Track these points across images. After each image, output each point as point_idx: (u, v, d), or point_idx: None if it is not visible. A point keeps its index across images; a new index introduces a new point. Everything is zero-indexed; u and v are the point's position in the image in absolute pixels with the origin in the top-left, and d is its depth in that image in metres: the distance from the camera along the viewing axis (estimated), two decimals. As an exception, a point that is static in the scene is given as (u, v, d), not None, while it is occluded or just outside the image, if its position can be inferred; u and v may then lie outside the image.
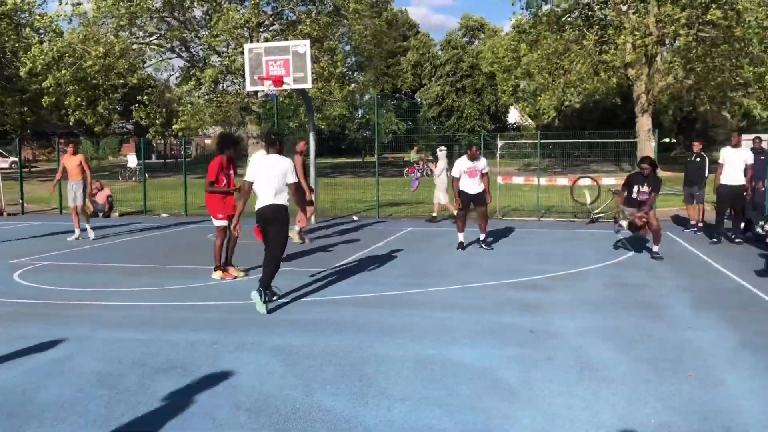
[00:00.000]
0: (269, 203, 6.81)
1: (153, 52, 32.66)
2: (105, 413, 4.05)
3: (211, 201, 8.38)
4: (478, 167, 10.57)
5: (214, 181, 8.26)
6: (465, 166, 10.56)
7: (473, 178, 10.54)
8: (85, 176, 12.27)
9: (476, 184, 10.57)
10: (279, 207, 6.81)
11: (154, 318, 6.39)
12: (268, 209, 6.83)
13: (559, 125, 44.68)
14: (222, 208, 8.33)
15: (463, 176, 10.54)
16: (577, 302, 6.91)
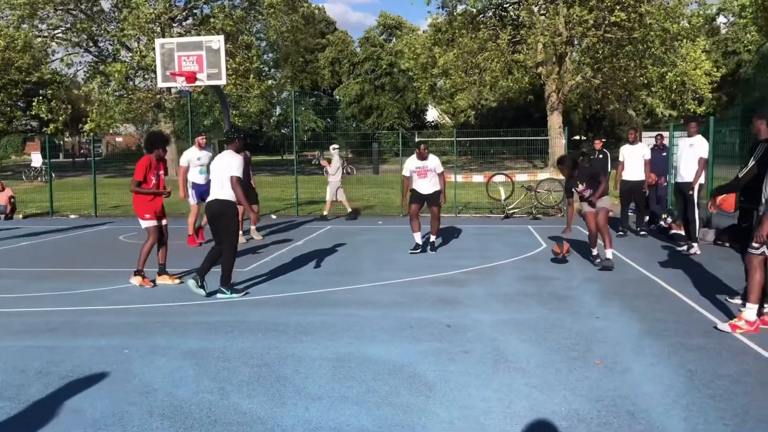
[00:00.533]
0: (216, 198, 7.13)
1: (58, 47, 31.23)
2: (5, 427, 3.84)
3: (139, 202, 7.90)
4: (429, 167, 10.03)
5: (142, 181, 7.84)
6: (414, 165, 10.08)
7: (423, 179, 10.04)
8: None
9: (428, 183, 10.05)
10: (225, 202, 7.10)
11: (61, 324, 6.11)
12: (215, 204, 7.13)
13: (475, 123, 45.62)
14: (150, 208, 7.90)
15: (413, 176, 10.09)
16: (492, 296, 7.07)
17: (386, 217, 15.43)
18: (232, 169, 7.04)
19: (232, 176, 7.01)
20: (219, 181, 7.12)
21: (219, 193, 7.11)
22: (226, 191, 7.07)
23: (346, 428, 3.76)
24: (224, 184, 7.07)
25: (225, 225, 7.12)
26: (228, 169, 7.06)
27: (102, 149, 56.20)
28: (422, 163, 10.05)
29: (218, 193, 7.11)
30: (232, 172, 7.03)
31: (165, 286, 7.83)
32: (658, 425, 3.76)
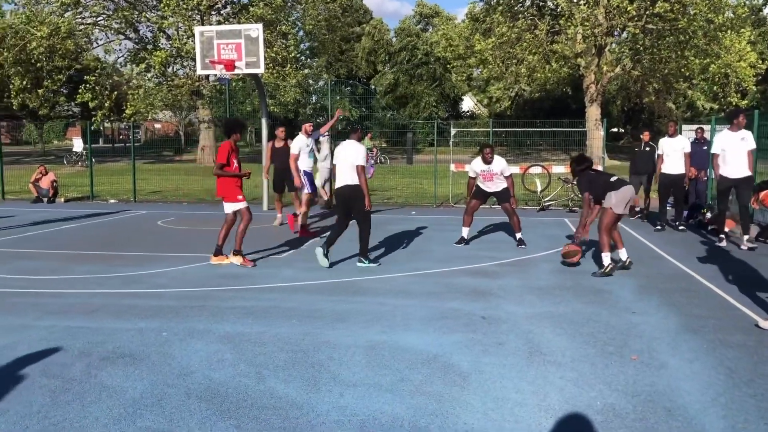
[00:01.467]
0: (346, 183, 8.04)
1: (100, 33, 31.77)
2: (50, 403, 3.96)
3: (227, 185, 8.18)
4: (494, 170, 9.65)
5: (225, 164, 8.10)
6: (479, 168, 9.77)
7: (489, 182, 9.75)
8: None
9: (494, 186, 9.76)
10: (355, 186, 8.02)
11: (101, 306, 6.26)
12: (347, 189, 8.07)
13: (511, 114, 45.20)
14: (240, 190, 8.25)
15: (479, 178, 9.84)
16: (526, 288, 7.03)
17: (419, 207, 15.42)
18: (358, 158, 7.98)
19: (358, 165, 7.95)
20: (345, 168, 8.03)
21: (348, 179, 8.04)
22: (355, 177, 7.98)
23: (380, 416, 3.79)
24: (352, 170, 7.99)
25: (359, 207, 8.04)
26: (355, 158, 7.98)
27: (141, 135, 57.13)
28: (487, 167, 9.67)
29: (347, 179, 8.04)
30: (358, 162, 7.97)
31: (202, 270, 7.95)
32: (695, 423, 3.71)
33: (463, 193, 17.44)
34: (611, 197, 7.70)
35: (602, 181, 7.90)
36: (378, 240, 10.43)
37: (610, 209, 7.70)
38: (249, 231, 8.43)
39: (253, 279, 7.48)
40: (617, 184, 7.78)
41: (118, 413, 3.82)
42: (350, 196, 8.05)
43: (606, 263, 7.67)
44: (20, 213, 14.23)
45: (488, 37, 30.67)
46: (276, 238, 10.51)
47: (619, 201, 7.69)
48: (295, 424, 3.68)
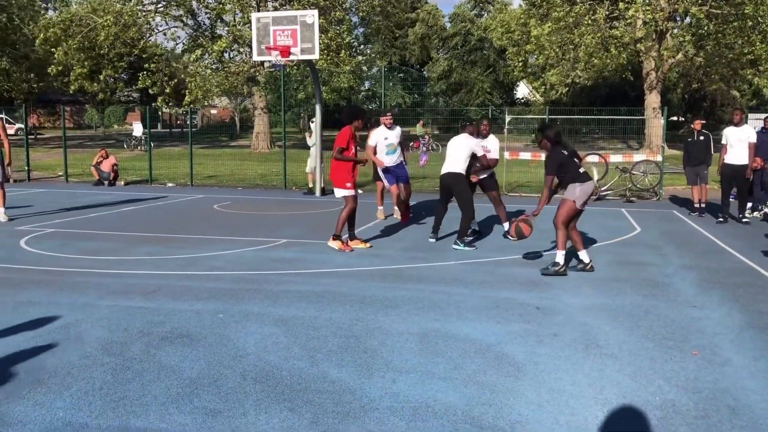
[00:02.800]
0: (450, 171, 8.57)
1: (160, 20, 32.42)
2: (112, 380, 4.07)
3: (340, 170, 8.26)
4: (489, 147, 9.28)
5: (345, 148, 8.24)
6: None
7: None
8: (2, 147, 10.60)
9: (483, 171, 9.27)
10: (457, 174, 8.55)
11: (160, 287, 6.41)
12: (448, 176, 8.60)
13: (567, 101, 44.34)
14: (351, 177, 8.33)
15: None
16: (582, 279, 6.89)
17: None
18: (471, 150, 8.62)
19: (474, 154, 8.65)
20: (455, 158, 8.55)
21: (453, 167, 8.54)
22: (460, 166, 8.52)
23: (433, 403, 3.77)
24: (458, 162, 8.53)
25: (458, 191, 8.54)
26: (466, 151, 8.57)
27: (197, 121, 58.23)
28: (482, 143, 9.12)
29: (452, 167, 8.55)
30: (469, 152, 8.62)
31: (257, 253, 8.06)
32: (762, 423, 3.58)
33: (517, 181, 17.22)
34: (576, 189, 7.02)
35: (573, 167, 7.16)
36: (430, 227, 10.37)
37: (572, 201, 7.00)
38: (306, 216, 8.50)
39: (307, 264, 7.54)
40: (585, 177, 7.12)
41: (176, 392, 3.90)
42: (451, 183, 8.55)
43: (560, 261, 7.02)
44: (82, 195, 14.70)
45: (545, 22, 30.08)
46: (328, 225, 10.57)
47: (583, 194, 7.01)
48: (348, 409, 3.70)
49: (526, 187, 16.40)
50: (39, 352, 4.55)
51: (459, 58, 56.76)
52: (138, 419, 3.55)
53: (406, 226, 10.42)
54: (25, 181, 17.89)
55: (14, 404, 3.72)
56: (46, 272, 6.99)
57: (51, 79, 36.25)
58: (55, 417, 3.57)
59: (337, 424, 3.52)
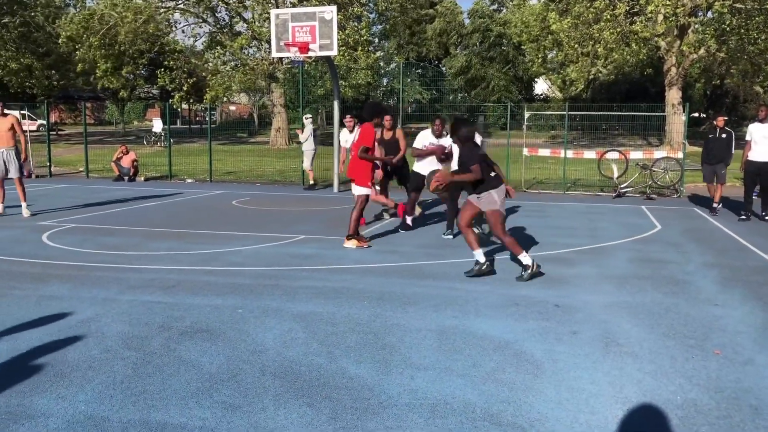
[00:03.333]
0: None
1: (179, 16, 32.63)
2: (132, 375, 4.11)
3: (363, 169, 8.17)
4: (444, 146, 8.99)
5: (371, 147, 8.13)
6: (428, 141, 9.21)
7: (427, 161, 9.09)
8: (19, 142, 10.68)
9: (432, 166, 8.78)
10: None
11: (180, 282, 6.45)
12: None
13: (586, 97, 44.00)
14: (371, 177, 8.32)
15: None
16: (602, 277, 6.84)
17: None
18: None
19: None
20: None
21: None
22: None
23: (451, 400, 3.77)
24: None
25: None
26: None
27: (216, 117, 58.53)
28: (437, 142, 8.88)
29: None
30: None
31: (275, 249, 8.09)
32: (785, 423, 3.53)
33: (536, 177, 17.13)
34: (494, 196, 6.59)
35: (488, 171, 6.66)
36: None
37: (498, 212, 6.62)
38: (324, 212, 8.51)
39: (325, 260, 7.56)
40: (497, 181, 6.68)
41: (196, 387, 3.93)
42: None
43: (480, 260, 6.75)
44: (103, 191, 14.84)
45: (564, 17, 29.83)
46: (346, 221, 10.58)
47: (501, 199, 6.65)
48: (367, 405, 3.70)
49: (545, 184, 16.30)
50: (61, 345, 4.61)
51: (477, 54, 56.49)
52: (158, 413, 3.58)
53: (422, 224, 10.40)
54: (47, 177, 18.09)
55: (37, 397, 3.77)
56: (67, 267, 7.07)
57: (74, 76, 36.61)
58: (77, 410, 3.61)
59: (356, 420, 3.52)
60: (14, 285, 6.26)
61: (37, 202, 12.44)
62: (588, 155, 16.66)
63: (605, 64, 31.34)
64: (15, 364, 4.26)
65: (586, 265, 7.42)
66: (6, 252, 7.78)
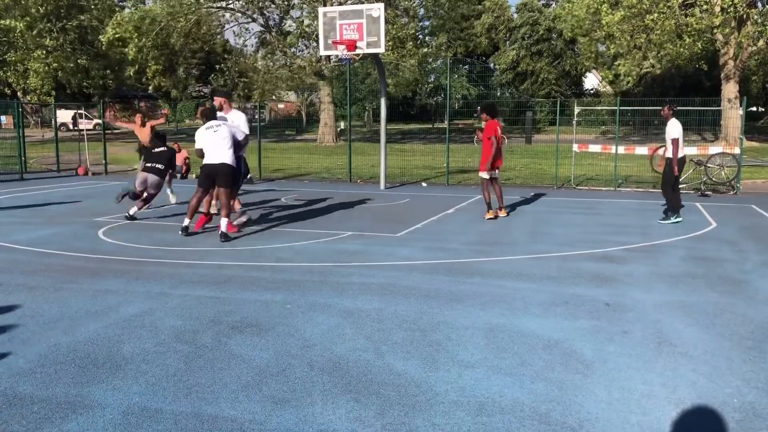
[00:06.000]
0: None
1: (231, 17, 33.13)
2: (184, 368, 4.20)
3: (485, 157, 10.24)
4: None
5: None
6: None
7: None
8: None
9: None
10: None
11: (230, 277, 6.56)
12: None
13: (638, 92, 43.03)
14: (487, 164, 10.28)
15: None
16: (654, 275, 6.69)
17: (538, 187, 15.04)
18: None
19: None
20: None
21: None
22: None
23: (499, 399, 3.74)
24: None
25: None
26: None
27: (265, 115, 59.27)
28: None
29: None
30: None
31: (323, 245, 8.15)
32: None
33: (586, 173, 16.84)
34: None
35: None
36: (497, 222, 10.28)
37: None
38: (371, 209, 8.53)
39: (371, 257, 7.58)
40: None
41: (246, 381, 3.99)
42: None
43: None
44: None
45: (616, 10, 29.20)
46: (394, 218, 10.61)
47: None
48: (414, 402, 3.70)
49: (595, 180, 16.02)
50: (116, 338, 4.74)
51: (526, 49, 55.81)
52: (209, 406, 3.65)
53: (469, 221, 10.35)
54: (103, 174, 18.61)
55: (94, 388, 3.88)
56: (122, 262, 7.27)
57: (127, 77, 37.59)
58: (131, 402, 3.71)
59: (403, 416, 3.53)
60: (72, 279, 6.47)
61: (93, 199, 12.81)
62: (640, 151, 16.30)
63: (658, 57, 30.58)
64: (73, 355, 4.40)
65: (638, 263, 7.26)
66: (64, 247, 8.04)
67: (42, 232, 9.11)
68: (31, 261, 7.31)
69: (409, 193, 14.03)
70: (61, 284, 6.27)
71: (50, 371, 4.13)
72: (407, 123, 50.44)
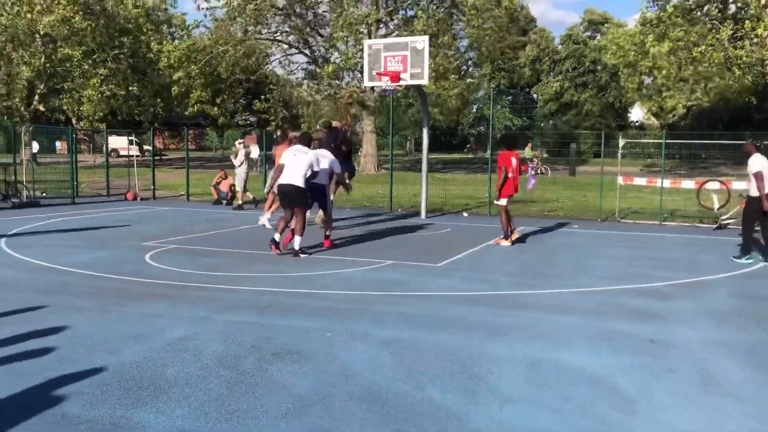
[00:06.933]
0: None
1: (276, 49, 33.88)
2: (226, 393, 4.26)
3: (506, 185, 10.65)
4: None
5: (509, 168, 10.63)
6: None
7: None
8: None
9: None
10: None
11: (272, 303, 6.64)
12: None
13: (685, 125, 42.38)
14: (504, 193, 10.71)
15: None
16: (701, 312, 6.54)
17: (583, 221, 14.87)
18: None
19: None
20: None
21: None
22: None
23: (540, 434, 3.70)
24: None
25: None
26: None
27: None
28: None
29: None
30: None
31: (364, 274, 8.20)
32: None
33: (631, 207, 16.60)
34: None
35: None
36: (539, 254, 10.20)
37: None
38: (411, 238, 8.55)
39: (412, 286, 7.59)
40: None
41: (286, 408, 4.03)
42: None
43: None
44: (202, 213, 15.50)
45: (663, 42, 28.98)
46: (435, 248, 10.61)
47: None
48: (453, 435, 3.68)
49: (640, 214, 15.77)
50: (161, 361, 4.84)
51: (570, 80, 55.64)
52: None
53: (512, 250, 10.29)
54: (151, 200, 19.08)
55: (138, 410, 3.97)
56: (168, 286, 7.42)
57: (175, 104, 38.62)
58: (174, 425, 3.77)
59: (442, 449, 3.51)
60: (120, 302, 6.63)
61: (141, 224, 13.14)
62: (686, 185, 16.00)
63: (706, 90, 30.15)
64: (119, 377, 4.51)
65: (684, 299, 7.11)
66: (113, 270, 8.25)
67: (91, 255, 9.37)
68: (80, 283, 7.52)
69: (450, 223, 14.02)
70: (109, 307, 6.43)
71: (96, 392, 4.23)
72: (449, 152, 50.55)
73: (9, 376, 4.48)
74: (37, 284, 7.44)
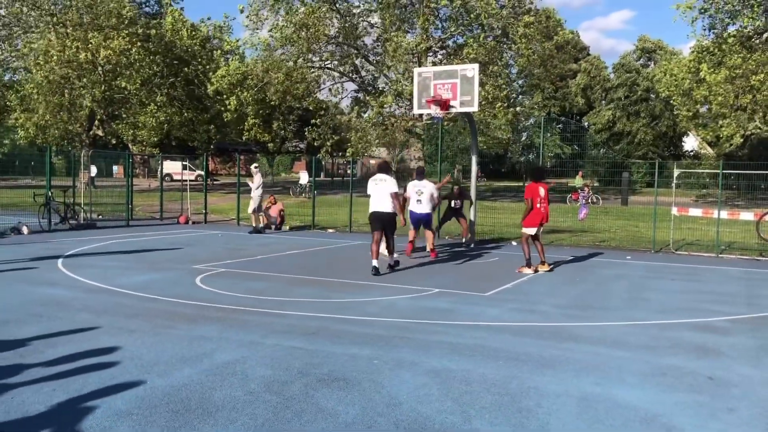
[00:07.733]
0: None
1: (327, 77, 34.35)
2: (273, 418, 4.25)
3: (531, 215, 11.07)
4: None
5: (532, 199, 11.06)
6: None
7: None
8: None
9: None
10: None
11: (319, 329, 6.65)
12: None
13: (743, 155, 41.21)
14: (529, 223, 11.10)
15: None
16: (763, 349, 6.27)
17: (635, 252, 14.52)
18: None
19: None
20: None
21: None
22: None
23: (592, 473, 3.57)
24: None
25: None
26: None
27: (357, 170, 60.53)
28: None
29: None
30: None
31: (410, 301, 8.15)
32: None
33: (686, 238, 16.16)
34: None
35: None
36: (590, 285, 9.98)
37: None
38: (458, 267, 8.47)
39: (459, 315, 7.50)
40: None
41: (332, 435, 4.00)
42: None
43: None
44: (252, 238, 15.70)
45: (718, 69, 28.36)
46: (482, 276, 10.49)
47: None
48: (502, 470, 3.59)
49: (696, 246, 15.32)
50: (209, 384, 4.87)
51: (623, 109, 54.87)
52: (296, 459, 3.66)
53: (559, 285, 10.09)
54: (202, 223, 19.44)
55: (186, 433, 3.99)
56: (217, 309, 7.51)
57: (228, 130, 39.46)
58: (221, 449, 3.77)
59: (490, 484, 3.42)
60: (170, 324, 6.73)
61: (192, 246, 13.37)
62: (745, 216, 15.51)
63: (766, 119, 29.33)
64: (168, 399, 4.55)
65: (743, 335, 6.84)
66: (164, 293, 8.40)
67: (144, 277, 9.57)
68: (132, 305, 7.67)
69: (499, 252, 13.87)
70: (160, 329, 6.53)
71: (145, 413, 4.28)
72: (498, 180, 50.19)
73: (61, 395, 4.57)
74: (92, 305, 7.62)
